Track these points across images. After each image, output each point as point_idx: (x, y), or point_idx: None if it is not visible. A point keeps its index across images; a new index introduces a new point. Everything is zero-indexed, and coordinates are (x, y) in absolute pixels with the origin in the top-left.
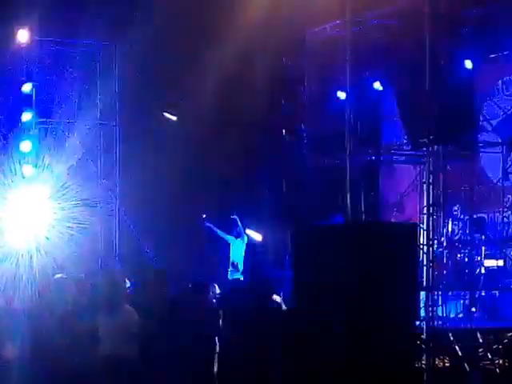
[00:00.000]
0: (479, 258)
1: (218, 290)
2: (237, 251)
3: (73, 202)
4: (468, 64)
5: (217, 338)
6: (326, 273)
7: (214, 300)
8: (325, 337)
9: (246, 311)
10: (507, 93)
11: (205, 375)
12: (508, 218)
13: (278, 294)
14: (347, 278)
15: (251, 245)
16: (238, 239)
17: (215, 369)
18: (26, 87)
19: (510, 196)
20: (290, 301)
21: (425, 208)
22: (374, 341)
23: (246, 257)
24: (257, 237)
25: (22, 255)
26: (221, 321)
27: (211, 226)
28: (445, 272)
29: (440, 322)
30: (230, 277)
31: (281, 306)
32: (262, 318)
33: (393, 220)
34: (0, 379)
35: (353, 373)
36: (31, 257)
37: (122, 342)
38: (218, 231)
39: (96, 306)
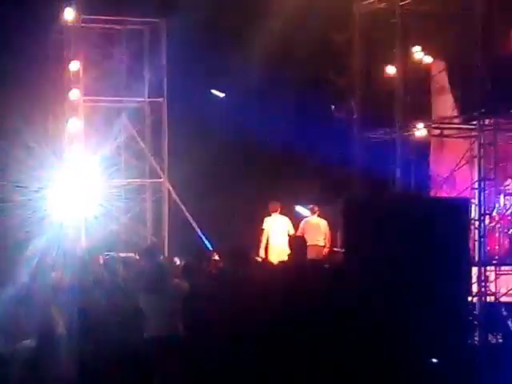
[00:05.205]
0: None
1: None
2: None
3: (121, 181)
4: None
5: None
6: (377, 247)
7: None
8: (374, 311)
9: None
10: None
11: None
12: None
13: None
14: (399, 252)
15: None
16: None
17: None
18: (74, 65)
19: None
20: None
21: (476, 182)
22: (425, 316)
23: None
24: (306, 213)
25: (71, 233)
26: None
27: None
28: (497, 247)
29: (492, 298)
30: None
31: None
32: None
33: (444, 195)
34: (50, 354)
35: (403, 344)
36: (80, 235)
37: (167, 321)
38: None
39: (142, 284)
